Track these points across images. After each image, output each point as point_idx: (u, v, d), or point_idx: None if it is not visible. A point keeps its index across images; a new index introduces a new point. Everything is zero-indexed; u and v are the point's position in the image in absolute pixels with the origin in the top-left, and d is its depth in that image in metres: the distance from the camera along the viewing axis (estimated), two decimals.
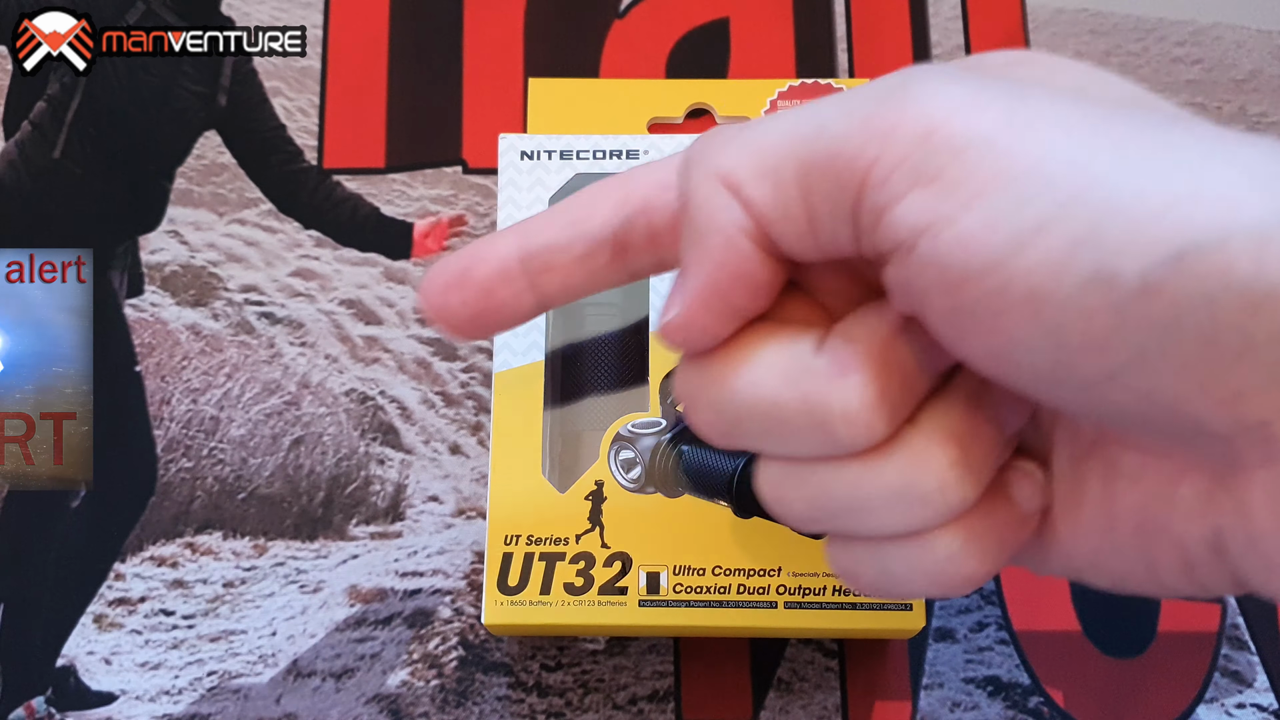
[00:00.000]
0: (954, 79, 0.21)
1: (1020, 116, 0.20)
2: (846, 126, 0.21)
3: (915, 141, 0.20)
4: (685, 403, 0.24)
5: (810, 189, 0.21)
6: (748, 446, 0.24)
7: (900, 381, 0.22)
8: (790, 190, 0.22)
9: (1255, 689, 0.40)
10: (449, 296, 0.26)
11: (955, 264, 0.20)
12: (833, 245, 0.22)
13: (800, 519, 0.24)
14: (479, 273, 0.26)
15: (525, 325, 0.37)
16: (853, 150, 0.20)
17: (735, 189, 0.22)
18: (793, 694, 0.39)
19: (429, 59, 0.47)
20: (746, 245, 0.22)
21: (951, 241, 0.20)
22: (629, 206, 0.25)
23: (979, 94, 0.20)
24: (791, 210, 0.22)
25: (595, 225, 0.26)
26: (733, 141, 0.22)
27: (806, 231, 0.22)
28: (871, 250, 0.21)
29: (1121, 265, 0.18)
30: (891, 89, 0.21)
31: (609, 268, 0.26)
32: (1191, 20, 0.49)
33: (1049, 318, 0.19)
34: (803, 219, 0.22)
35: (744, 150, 0.22)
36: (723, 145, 0.22)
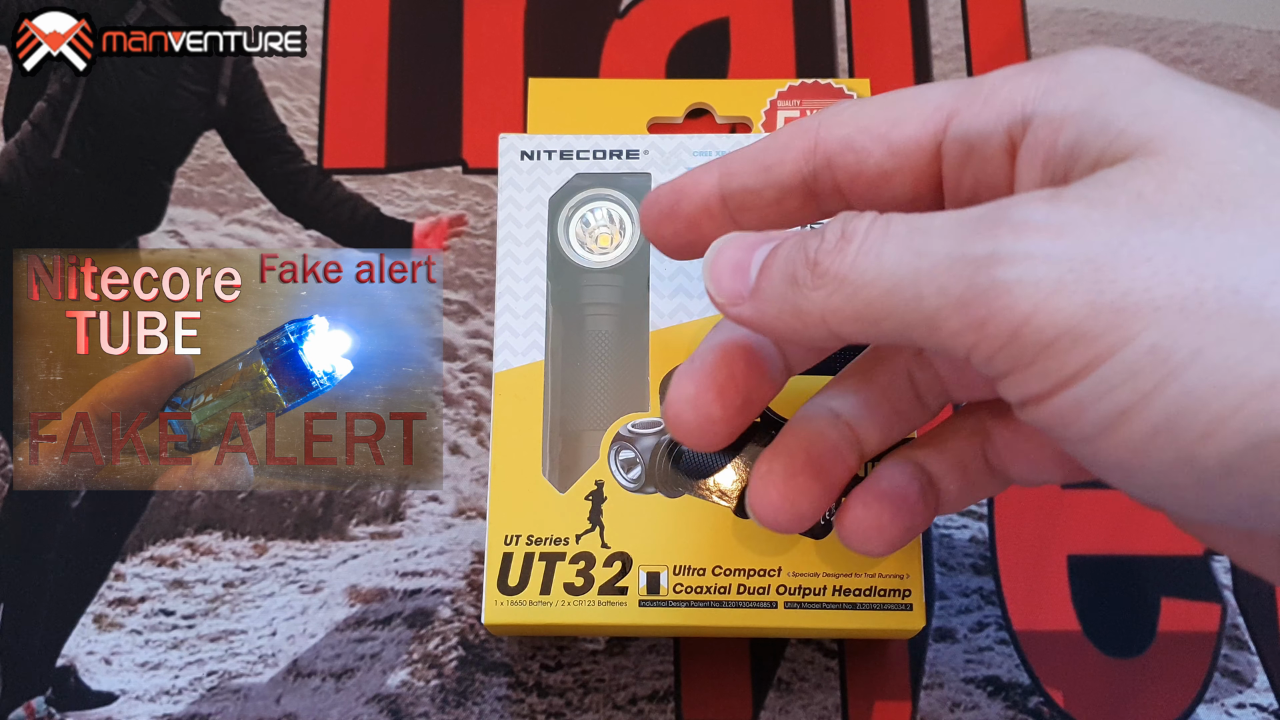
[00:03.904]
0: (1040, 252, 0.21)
1: (1106, 298, 0.20)
2: (942, 303, 0.22)
3: (1007, 337, 0.21)
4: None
5: (907, 339, 0.23)
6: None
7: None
8: (881, 334, 0.23)
9: (1255, 689, 0.40)
10: (662, 227, 0.30)
11: (1052, 430, 0.22)
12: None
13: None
14: (686, 208, 0.29)
15: (525, 325, 0.37)
16: (951, 331, 0.22)
17: (832, 332, 0.24)
18: (793, 694, 0.39)
19: (429, 59, 0.47)
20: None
21: (1048, 415, 0.22)
22: (815, 159, 0.27)
23: (1065, 274, 0.21)
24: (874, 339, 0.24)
25: (785, 173, 0.27)
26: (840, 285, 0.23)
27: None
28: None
29: (1202, 452, 0.20)
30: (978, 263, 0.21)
31: (801, 209, 0.28)
32: (1191, 20, 0.49)
33: (1140, 483, 0.22)
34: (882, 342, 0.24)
35: (849, 302, 0.23)
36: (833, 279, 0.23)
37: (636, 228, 0.39)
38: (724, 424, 0.28)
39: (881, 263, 0.23)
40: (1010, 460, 0.29)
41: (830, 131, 0.27)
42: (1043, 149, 0.24)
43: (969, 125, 0.25)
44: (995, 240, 0.21)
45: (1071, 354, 0.21)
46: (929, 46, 0.47)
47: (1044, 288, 0.21)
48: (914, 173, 0.26)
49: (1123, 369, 0.20)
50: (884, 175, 0.26)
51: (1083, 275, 0.20)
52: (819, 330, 0.24)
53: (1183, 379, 0.20)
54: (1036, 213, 0.21)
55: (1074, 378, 0.21)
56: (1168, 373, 0.20)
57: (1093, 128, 0.23)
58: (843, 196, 0.27)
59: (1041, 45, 0.48)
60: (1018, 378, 0.22)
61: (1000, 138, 0.25)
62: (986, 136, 0.25)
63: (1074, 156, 0.23)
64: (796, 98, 0.42)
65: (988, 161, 0.25)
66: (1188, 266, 0.20)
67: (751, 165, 0.28)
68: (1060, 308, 0.20)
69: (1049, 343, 0.21)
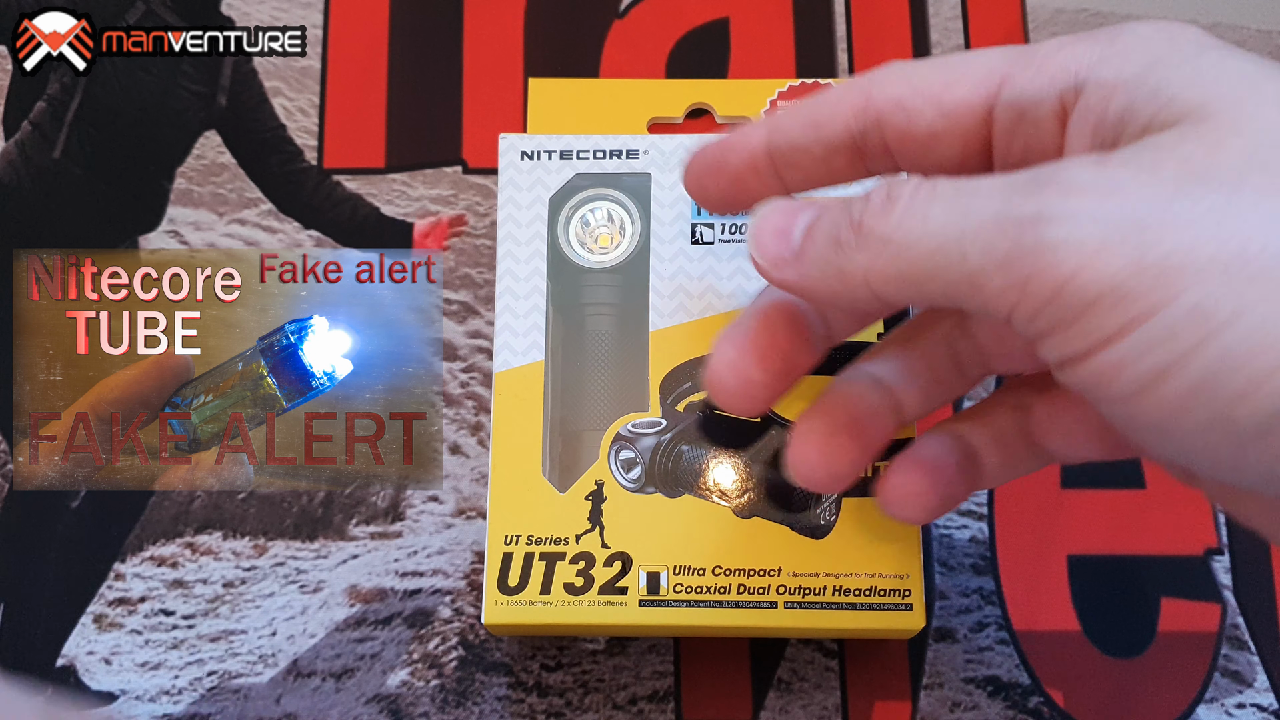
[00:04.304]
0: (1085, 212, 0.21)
1: (1150, 258, 0.20)
2: (986, 262, 0.22)
3: (1050, 295, 0.21)
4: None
5: (949, 299, 0.23)
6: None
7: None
8: (923, 295, 0.23)
9: (1255, 689, 0.40)
10: (706, 181, 0.29)
11: (1090, 390, 0.22)
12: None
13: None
14: (732, 162, 0.29)
15: (525, 325, 0.37)
16: (994, 290, 0.22)
17: (875, 295, 0.24)
18: (793, 694, 0.39)
19: (429, 59, 0.47)
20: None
21: (1086, 375, 0.22)
22: (866, 118, 0.27)
23: (1110, 234, 0.21)
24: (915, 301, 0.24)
25: (834, 131, 0.27)
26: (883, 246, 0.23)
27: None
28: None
29: (1239, 412, 0.20)
30: (1023, 223, 0.21)
31: (848, 168, 0.28)
32: (1191, 21, 0.49)
33: (1176, 444, 0.22)
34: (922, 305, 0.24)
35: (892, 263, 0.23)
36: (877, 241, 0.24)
37: (637, 228, 0.39)
38: (764, 388, 0.29)
39: (927, 223, 0.23)
40: (1050, 435, 0.29)
41: (882, 90, 0.27)
42: (1094, 115, 0.24)
43: (1022, 90, 0.25)
44: (1042, 200, 0.21)
45: (1113, 313, 0.21)
46: (929, 46, 0.47)
47: (1088, 247, 0.21)
48: (964, 136, 0.26)
49: (1163, 328, 0.20)
50: (934, 137, 0.27)
51: (1127, 236, 0.21)
52: (862, 292, 0.24)
53: (1222, 339, 0.20)
54: (1083, 174, 0.22)
55: (1115, 336, 0.21)
56: (1207, 333, 0.20)
57: (1144, 94, 0.23)
58: (891, 157, 0.27)
59: None
60: (1059, 337, 0.22)
61: (1052, 103, 0.25)
62: (1039, 102, 0.25)
63: (1124, 122, 0.23)
64: (797, 97, 0.42)
65: (1038, 127, 0.25)
66: (1232, 230, 0.20)
67: (802, 122, 0.28)
68: (1104, 267, 0.21)
69: (1091, 301, 0.21)
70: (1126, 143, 0.23)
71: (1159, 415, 0.21)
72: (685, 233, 0.38)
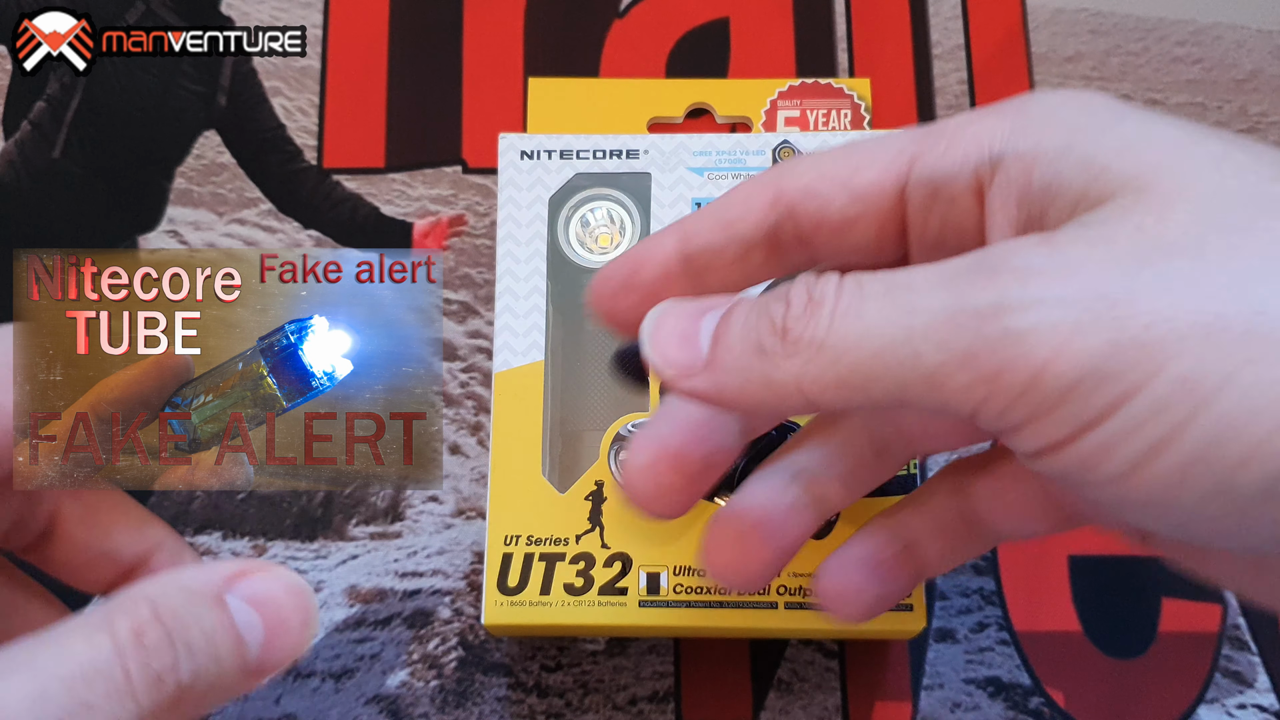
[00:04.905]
0: (1050, 296, 0.20)
1: (1128, 333, 0.20)
2: (944, 358, 0.21)
3: (1024, 386, 0.20)
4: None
5: (898, 400, 0.22)
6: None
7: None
8: (867, 398, 0.22)
9: (1256, 689, 0.39)
10: (619, 301, 0.28)
11: (1072, 476, 0.21)
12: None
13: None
14: (645, 276, 0.27)
15: (525, 325, 0.37)
16: (957, 388, 0.21)
17: (809, 401, 0.23)
18: (793, 695, 0.39)
19: (429, 59, 0.47)
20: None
21: (1069, 462, 0.21)
22: (778, 210, 0.26)
23: (1081, 315, 0.20)
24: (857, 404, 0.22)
25: (747, 228, 0.27)
26: (818, 351, 0.22)
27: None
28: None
29: (1241, 478, 0.19)
30: (983, 315, 0.21)
31: (765, 265, 0.27)
32: (1192, 20, 0.49)
33: (1173, 518, 0.21)
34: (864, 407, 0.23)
35: (830, 368, 0.22)
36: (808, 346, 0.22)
37: (637, 227, 0.39)
38: (682, 493, 0.28)
39: (865, 324, 0.22)
40: (996, 515, 0.29)
41: (792, 181, 0.26)
42: (1016, 188, 0.23)
43: (933, 167, 0.25)
44: (998, 289, 0.21)
45: (1095, 395, 0.20)
46: (929, 46, 0.47)
47: (1061, 331, 0.20)
48: (878, 218, 0.26)
49: (1151, 403, 0.20)
50: (848, 222, 0.26)
51: (1099, 314, 0.20)
52: (794, 400, 0.23)
53: (1215, 407, 0.19)
54: (1035, 257, 0.21)
55: (1099, 418, 0.20)
56: (1199, 401, 0.19)
57: (1071, 165, 0.22)
58: (807, 247, 0.27)
59: (1042, 45, 0.48)
60: (1035, 427, 0.21)
61: (967, 179, 0.24)
62: (952, 178, 0.25)
63: (1051, 194, 0.23)
64: (796, 97, 0.42)
65: (954, 203, 0.25)
66: (1207, 293, 0.20)
67: (713, 223, 0.27)
68: (1081, 349, 0.20)
69: (1071, 386, 0.20)
70: (1058, 215, 0.22)
71: (1154, 492, 0.20)
72: None
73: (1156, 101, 0.47)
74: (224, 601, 0.23)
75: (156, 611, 0.22)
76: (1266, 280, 0.20)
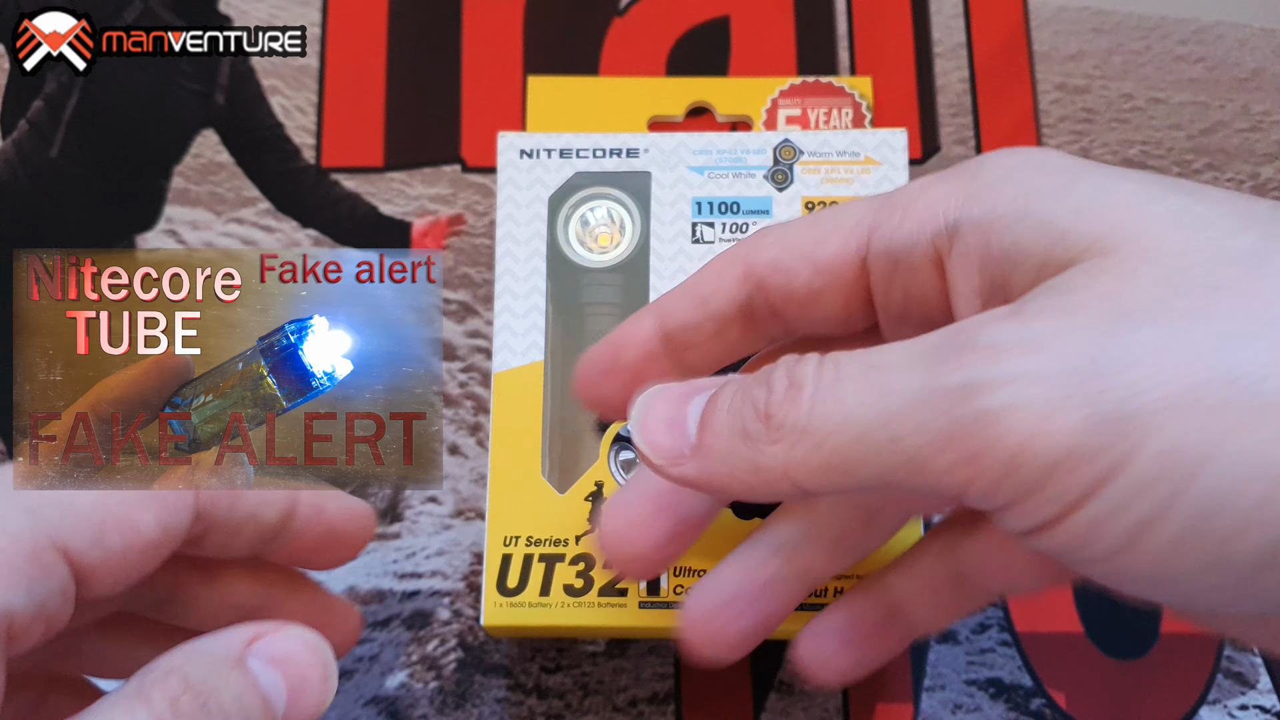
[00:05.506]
0: (1022, 373, 0.20)
1: (1103, 409, 0.19)
2: (923, 441, 0.20)
3: (1005, 468, 0.20)
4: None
5: (887, 483, 0.21)
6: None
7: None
8: (857, 482, 0.22)
9: (1258, 690, 0.39)
10: (604, 385, 0.28)
11: (1066, 555, 0.21)
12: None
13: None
14: (628, 358, 0.28)
15: (525, 325, 0.37)
16: (941, 469, 0.21)
17: (799, 487, 0.22)
18: (794, 696, 0.39)
19: (428, 57, 0.47)
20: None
21: (1060, 541, 0.21)
22: (749, 284, 0.26)
23: (1053, 392, 0.20)
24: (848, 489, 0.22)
25: (722, 303, 0.27)
26: (801, 436, 0.22)
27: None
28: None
29: (1237, 549, 0.19)
30: (955, 395, 0.20)
31: (744, 339, 0.27)
32: (1194, 19, 0.49)
33: (1172, 591, 0.21)
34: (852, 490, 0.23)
35: (814, 454, 0.22)
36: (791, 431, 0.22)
37: (637, 227, 0.39)
38: (658, 555, 0.28)
39: (845, 408, 0.21)
40: (988, 574, 0.28)
41: (758, 255, 0.26)
42: (976, 255, 0.23)
43: (890, 238, 0.25)
44: (967, 368, 0.20)
45: (1078, 474, 0.19)
46: (930, 44, 0.47)
47: (1035, 410, 0.19)
48: (843, 289, 0.26)
49: (1137, 480, 0.19)
50: (814, 294, 0.26)
51: (1072, 390, 0.19)
52: (782, 485, 0.22)
53: (1202, 480, 0.19)
54: (1003, 332, 0.20)
55: (1085, 498, 0.20)
56: (1185, 476, 0.19)
57: (1029, 231, 0.22)
58: (780, 319, 0.27)
59: (1044, 43, 0.47)
60: (1022, 507, 0.20)
61: (925, 248, 0.24)
62: (910, 248, 0.24)
63: (1012, 260, 0.22)
64: (797, 96, 0.42)
65: (914, 273, 0.25)
66: (1178, 361, 0.19)
67: (687, 300, 0.27)
68: (1057, 428, 0.19)
69: (1051, 467, 0.20)
70: (1022, 281, 0.22)
71: (1148, 567, 0.20)
72: (685, 232, 0.38)
73: (1159, 100, 0.47)
74: (246, 665, 0.23)
75: (188, 681, 0.22)
76: (1238, 342, 0.19)
